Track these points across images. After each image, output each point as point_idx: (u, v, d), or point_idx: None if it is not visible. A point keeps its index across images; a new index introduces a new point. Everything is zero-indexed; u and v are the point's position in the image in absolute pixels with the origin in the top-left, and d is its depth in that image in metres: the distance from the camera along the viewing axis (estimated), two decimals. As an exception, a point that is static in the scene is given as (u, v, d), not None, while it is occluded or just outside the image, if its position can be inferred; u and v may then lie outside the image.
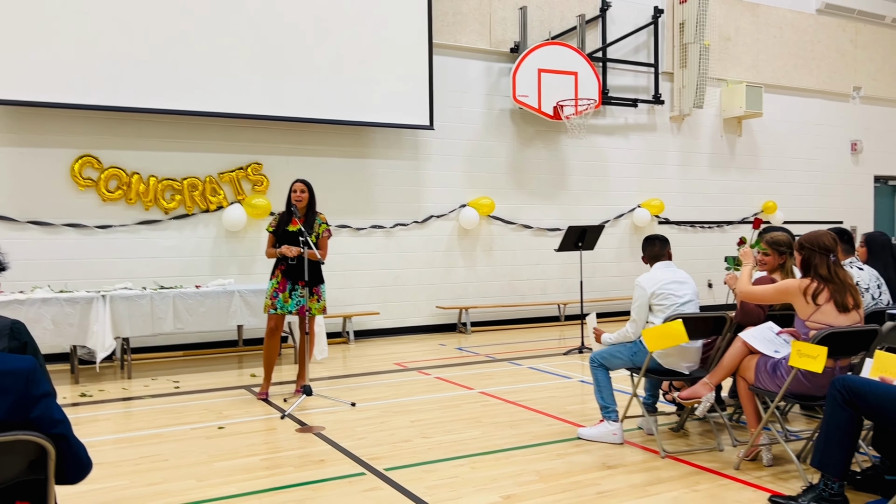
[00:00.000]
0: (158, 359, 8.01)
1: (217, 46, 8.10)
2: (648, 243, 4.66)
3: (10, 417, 1.85)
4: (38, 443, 1.90)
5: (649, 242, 4.66)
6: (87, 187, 7.88)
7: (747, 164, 12.27)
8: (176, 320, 7.04)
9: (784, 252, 4.47)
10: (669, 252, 4.64)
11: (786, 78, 12.54)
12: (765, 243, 4.50)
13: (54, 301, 6.61)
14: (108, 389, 6.48)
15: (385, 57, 8.95)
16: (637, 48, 11.17)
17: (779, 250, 4.47)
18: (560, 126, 10.37)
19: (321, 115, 8.66)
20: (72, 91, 7.50)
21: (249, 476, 4.02)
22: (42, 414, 1.92)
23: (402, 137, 9.51)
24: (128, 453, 4.49)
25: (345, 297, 9.13)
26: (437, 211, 9.75)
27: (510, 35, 10.17)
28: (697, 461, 4.16)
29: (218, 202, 8.47)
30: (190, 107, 8.02)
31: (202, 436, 4.86)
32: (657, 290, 4.38)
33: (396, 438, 4.70)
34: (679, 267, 4.65)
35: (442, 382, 6.52)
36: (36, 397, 1.91)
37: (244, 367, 7.46)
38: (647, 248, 4.65)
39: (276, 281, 5.83)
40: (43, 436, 1.91)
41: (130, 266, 8.05)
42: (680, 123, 11.63)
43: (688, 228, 11.69)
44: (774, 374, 3.89)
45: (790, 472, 3.94)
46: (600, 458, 4.23)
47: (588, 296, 10.17)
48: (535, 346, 8.57)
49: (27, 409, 1.89)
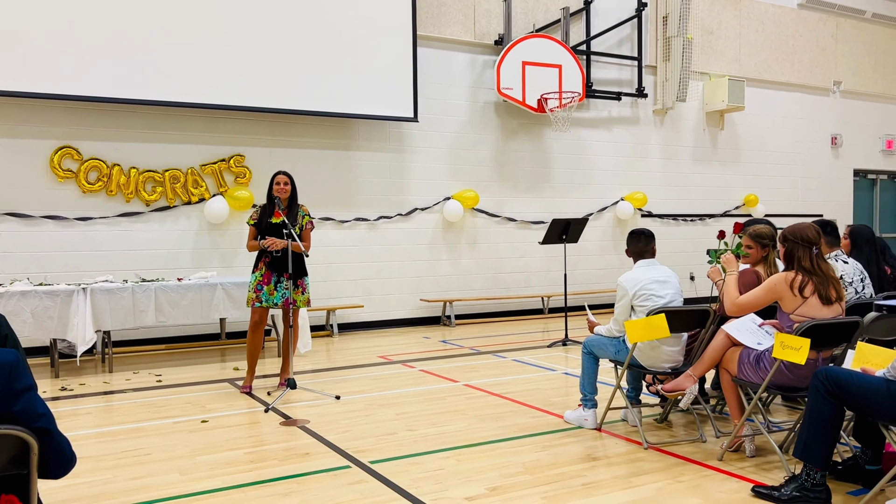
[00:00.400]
0: (140, 352, 7.93)
1: (200, 37, 8.01)
2: (634, 238, 4.67)
3: (-9, 411, 1.82)
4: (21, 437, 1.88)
5: (635, 237, 4.67)
6: (66, 179, 7.78)
7: (729, 158, 12.36)
8: (158, 313, 6.97)
9: (767, 244, 4.50)
10: (654, 248, 4.66)
11: (767, 72, 12.63)
12: (748, 236, 4.53)
13: (33, 294, 6.52)
14: (88, 383, 6.41)
15: (369, 49, 8.90)
16: (620, 41, 11.19)
17: (761, 243, 4.50)
18: (544, 119, 10.37)
19: (304, 106, 8.60)
20: (51, 81, 7.39)
21: (233, 469, 3.99)
22: (25, 408, 1.90)
23: (386, 129, 9.47)
24: (110, 447, 4.45)
25: (329, 290, 9.10)
26: (422, 204, 9.73)
27: (494, 27, 10.14)
28: (681, 452, 4.19)
29: (200, 194, 8.39)
30: (172, 98, 7.93)
31: (185, 429, 4.83)
32: (638, 291, 4.42)
33: (381, 431, 4.70)
34: (663, 260, 4.67)
35: (426, 375, 6.52)
36: (18, 391, 1.88)
37: (227, 361, 7.41)
38: (633, 244, 4.66)
39: (259, 274, 5.78)
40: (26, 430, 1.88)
41: (111, 258, 7.96)
42: (663, 117, 11.68)
43: (670, 221, 11.76)
44: (757, 366, 3.92)
45: (773, 463, 3.98)
46: (585, 450, 4.25)
47: (572, 288, 10.21)
48: (519, 338, 8.59)
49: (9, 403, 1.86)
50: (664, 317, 4.14)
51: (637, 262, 4.61)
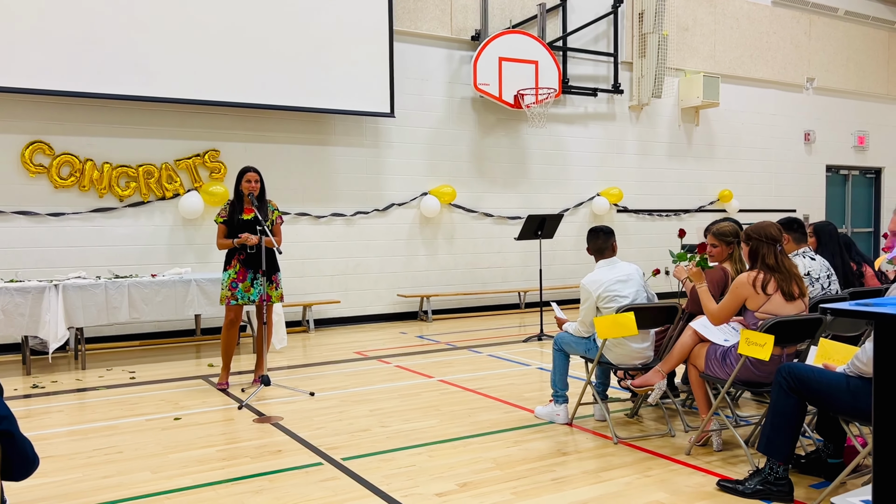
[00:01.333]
0: (114, 349, 7.88)
1: (173, 30, 7.94)
2: (593, 236, 4.72)
3: (-49, 415, 1.81)
4: (-18, 440, 1.87)
5: (594, 235, 4.71)
6: (38, 174, 7.69)
7: (704, 154, 12.49)
8: (131, 310, 6.93)
9: (731, 242, 4.58)
10: (614, 244, 4.69)
11: (742, 68, 12.76)
12: (711, 235, 4.62)
13: (4, 290, 6.45)
14: (61, 381, 6.36)
15: (345, 43, 8.88)
16: (597, 37, 11.25)
17: (726, 241, 4.58)
18: (521, 115, 10.41)
19: (280, 101, 8.56)
20: (21, 75, 7.29)
21: (205, 467, 3.99)
22: (-15, 411, 1.89)
23: (363, 125, 9.45)
24: (81, 446, 4.43)
25: (305, 285, 9.08)
26: (399, 199, 9.73)
27: (471, 23, 10.15)
28: (650, 447, 4.26)
29: (174, 189, 8.33)
30: (145, 92, 7.86)
31: (158, 427, 4.81)
32: (602, 293, 4.46)
33: (354, 428, 4.72)
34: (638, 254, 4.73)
35: (402, 371, 6.54)
36: (-22, 395, 1.87)
37: (202, 357, 7.38)
38: (592, 241, 4.71)
39: (233, 271, 5.76)
40: (-14, 433, 1.88)
41: (84, 254, 7.88)
42: (639, 113, 11.77)
43: (646, 217, 11.86)
44: (724, 362, 3.99)
45: (738, 457, 4.05)
46: (555, 445, 4.30)
47: (547, 283, 10.28)
48: (496, 333, 8.64)
49: (-31, 407, 1.85)
50: (633, 315, 4.20)
51: (598, 262, 4.66)
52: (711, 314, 4.06)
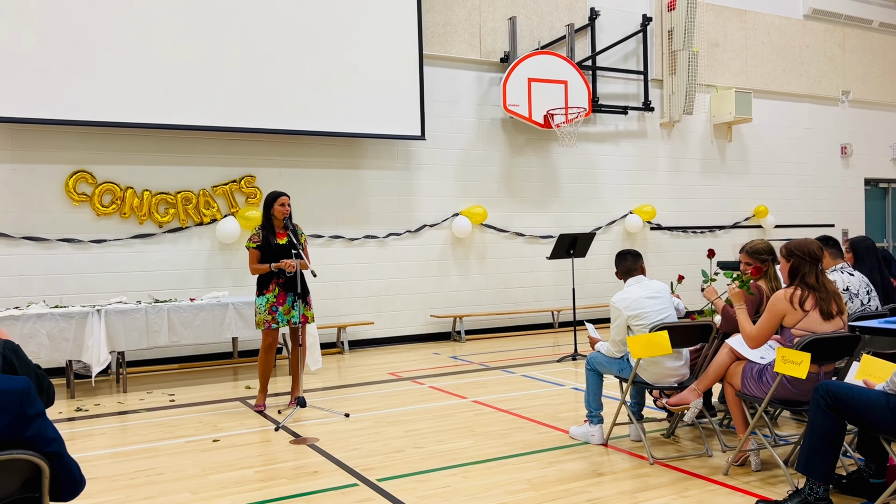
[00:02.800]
0: (154, 372, 8.04)
1: (209, 61, 8.16)
2: (621, 259, 4.74)
3: (5, 437, 1.90)
4: (33, 461, 1.95)
5: (622, 258, 4.74)
6: (81, 202, 7.93)
7: (738, 169, 12.37)
8: (171, 333, 7.07)
9: (765, 259, 4.54)
10: (642, 266, 4.73)
11: (775, 83, 12.65)
12: (745, 254, 4.59)
13: (49, 316, 6.64)
14: (103, 403, 6.51)
15: (376, 68, 9.03)
16: (626, 56, 11.27)
17: (759, 259, 4.54)
18: (551, 134, 10.45)
19: (313, 127, 8.72)
20: (65, 107, 7.55)
21: (243, 488, 4.06)
22: (36, 433, 1.97)
23: (394, 148, 9.58)
24: (123, 467, 4.53)
25: (339, 307, 9.18)
26: (430, 220, 9.81)
27: (500, 45, 10.25)
28: (687, 467, 4.22)
29: (212, 215, 8.52)
30: (183, 121, 8.08)
31: (197, 449, 4.90)
32: (632, 312, 4.46)
33: (389, 449, 4.75)
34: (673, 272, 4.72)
35: (435, 392, 6.57)
36: (30, 417, 1.95)
37: (239, 380, 7.49)
38: (620, 263, 4.73)
39: (272, 295, 5.80)
40: (37, 454, 1.96)
41: (125, 280, 8.08)
42: (670, 130, 11.73)
43: (680, 234, 11.77)
44: (760, 381, 3.95)
45: (778, 477, 3.99)
46: (591, 466, 4.28)
47: (581, 302, 10.23)
48: (529, 353, 8.62)
49: (22, 429, 1.93)
50: (666, 334, 4.18)
51: (627, 281, 4.66)
52: (749, 336, 3.96)
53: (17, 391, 1.93)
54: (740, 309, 4.08)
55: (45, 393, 2.46)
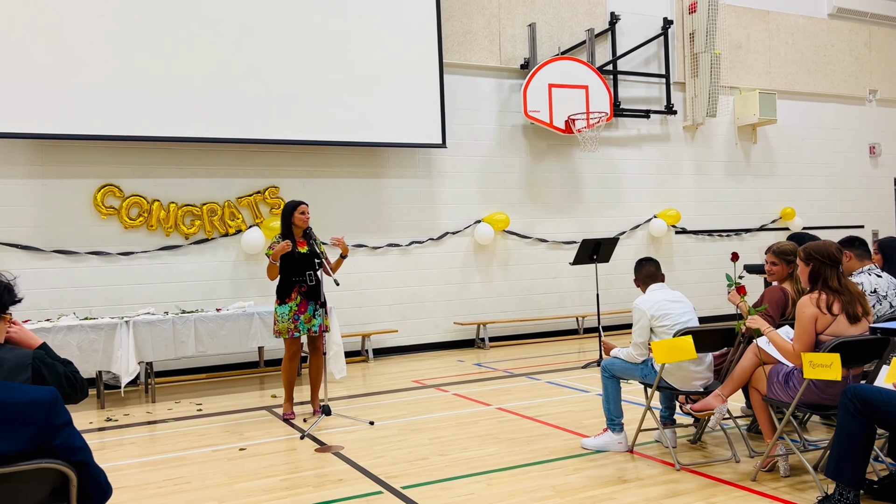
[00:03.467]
0: (181, 382, 8.13)
1: (231, 74, 8.27)
2: (641, 265, 4.71)
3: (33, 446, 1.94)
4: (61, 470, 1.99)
5: (644, 263, 4.71)
6: (109, 215, 8.07)
7: (763, 171, 12.23)
8: (198, 343, 7.15)
9: (792, 261, 4.48)
10: (662, 275, 4.70)
11: (799, 83, 12.50)
12: (771, 254, 4.53)
13: (79, 328, 6.76)
14: (132, 413, 6.60)
15: (396, 78, 9.08)
16: (647, 59, 11.22)
17: (786, 259, 4.49)
18: (572, 140, 10.42)
19: (334, 137, 8.80)
20: (93, 123, 7.70)
21: (270, 496, 4.09)
22: (64, 442, 2.01)
23: (415, 156, 9.62)
24: (152, 476, 4.59)
25: (363, 315, 9.22)
26: (452, 227, 9.83)
27: (520, 52, 10.26)
28: (714, 473, 4.17)
29: (237, 226, 8.62)
30: (207, 134, 8.19)
31: (224, 457, 4.95)
32: (656, 313, 4.42)
33: (414, 456, 4.76)
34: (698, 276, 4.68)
35: (460, 399, 6.56)
36: (57, 426, 1.99)
37: (265, 389, 7.55)
38: (641, 270, 4.69)
39: (294, 304, 5.84)
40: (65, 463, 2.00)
41: (152, 291, 8.20)
42: (693, 133, 11.64)
43: (705, 237, 11.65)
44: (787, 385, 3.89)
45: (807, 483, 3.93)
46: (616, 472, 4.25)
47: (606, 308, 10.16)
48: (554, 359, 8.59)
49: (49, 438, 1.97)
50: (691, 338, 4.14)
51: (649, 287, 4.63)
52: (790, 353, 3.83)
53: (45, 401, 1.98)
54: (770, 332, 3.98)
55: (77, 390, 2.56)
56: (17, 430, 1.91)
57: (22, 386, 2.01)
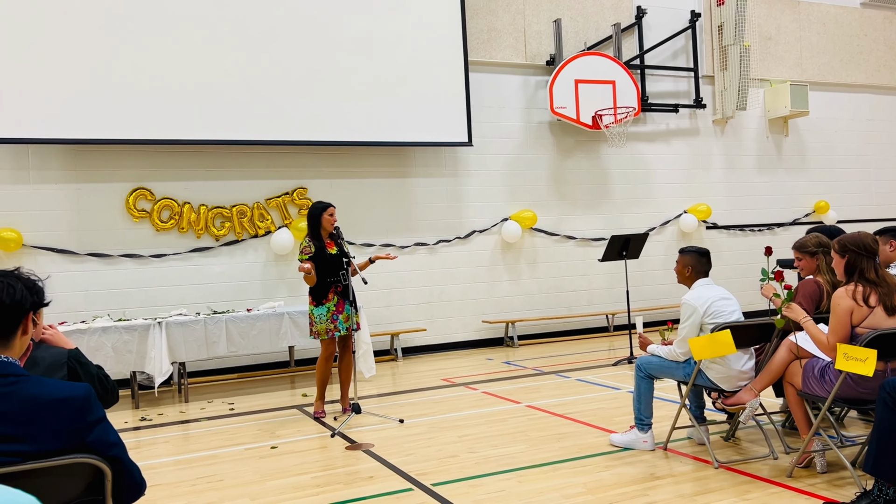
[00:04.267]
0: (213, 381, 8.23)
1: (258, 77, 8.35)
2: (696, 255, 4.51)
3: (67, 442, 1.97)
4: (96, 465, 2.02)
5: (698, 254, 4.50)
6: (141, 218, 8.19)
7: (796, 165, 12.02)
8: (229, 343, 7.23)
9: (815, 253, 4.41)
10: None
11: (832, 74, 12.26)
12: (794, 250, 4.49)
13: (113, 329, 6.87)
14: (166, 413, 6.70)
15: (422, 77, 9.09)
16: (675, 53, 11.09)
17: (808, 252, 4.41)
18: (600, 135, 10.34)
19: (361, 137, 8.83)
20: (124, 127, 7.83)
21: (301, 494, 4.12)
22: (98, 438, 2.04)
23: (442, 155, 9.62)
24: (186, 474, 4.65)
25: (391, 314, 9.25)
26: (480, 226, 9.81)
27: (545, 48, 10.21)
28: (748, 470, 4.10)
29: (266, 227, 8.69)
30: (236, 136, 8.28)
31: (256, 456, 5.00)
32: (709, 310, 4.33)
33: (444, 454, 4.75)
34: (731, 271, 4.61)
35: (489, 397, 6.55)
36: (91, 422, 2.02)
37: (296, 388, 7.61)
38: (697, 260, 4.50)
39: (332, 305, 5.84)
40: (99, 458, 2.02)
41: (184, 292, 8.31)
42: (723, 126, 11.48)
43: (737, 232, 11.49)
44: (822, 379, 3.82)
45: (845, 479, 3.85)
46: (648, 469, 4.21)
47: (636, 304, 10.07)
48: (584, 357, 8.53)
49: (84, 434, 2.00)
50: (729, 333, 4.05)
51: (697, 281, 4.52)
52: (824, 345, 3.76)
53: (79, 398, 2.00)
54: (807, 322, 3.89)
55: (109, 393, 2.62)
56: (52, 426, 1.94)
57: (57, 382, 2.04)
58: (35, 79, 7.50)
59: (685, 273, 4.56)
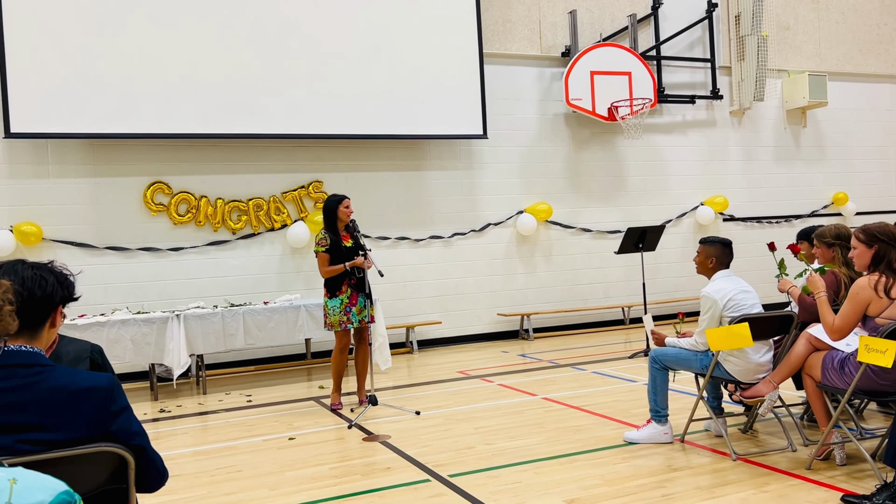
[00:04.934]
0: (231, 374, 8.29)
1: (275, 71, 8.38)
2: (720, 247, 4.49)
3: (91, 431, 1.99)
4: (119, 453, 2.04)
5: (721, 245, 4.49)
6: (158, 212, 8.26)
7: (814, 156, 11.90)
8: (246, 336, 7.28)
9: (832, 244, 4.39)
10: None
11: (851, 64, 12.12)
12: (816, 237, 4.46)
13: (132, 322, 6.94)
14: (185, 405, 6.76)
15: (437, 70, 9.08)
16: (692, 44, 11.00)
17: (826, 242, 4.39)
18: (616, 127, 10.29)
19: (376, 130, 8.84)
20: (141, 122, 7.89)
21: (319, 484, 4.15)
22: (121, 427, 2.06)
23: (456, 148, 9.61)
24: (205, 465, 4.69)
25: (407, 307, 9.27)
26: (495, 219, 9.80)
27: (560, 39, 10.17)
28: (766, 462, 4.08)
29: (282, 220, 8.74)
30: (252, 130, 8.32)
31: (274, 447, 5.04)
32: (728, 303, 4.29)
33: (460, 445, 4.77)
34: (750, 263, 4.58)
35: (505, 389, 6.56)
36: (115, 412, 2.05)
37: (313, 380, 7.66)
38: (718, 252, 4.47)
39: (345, 297, 5.87)
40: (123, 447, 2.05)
41: (201, 285, 8.37)
42: (740, 117, 11.38)
43: (754, 224, 11.40)
44: (842, 371, 3.79)
45: (864, 471, 3.83)
46: (665, 461, 4.20)
47: (653, 297, 10.03)
48: (600, 350, 8.51)
49: (107, 423, 2.03)
50: (747, 325, 4.02)
51: (717, 273, 4.49)
52: (832, 328, 3.73)
53: (103, 388, 2.03)
54: (820, 297, 3.89)
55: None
56: (77, 415, 1.97)
57: (82, 372, 2.07)
58: (54, 74, 7.57)
59: (708, 264, 4.52)
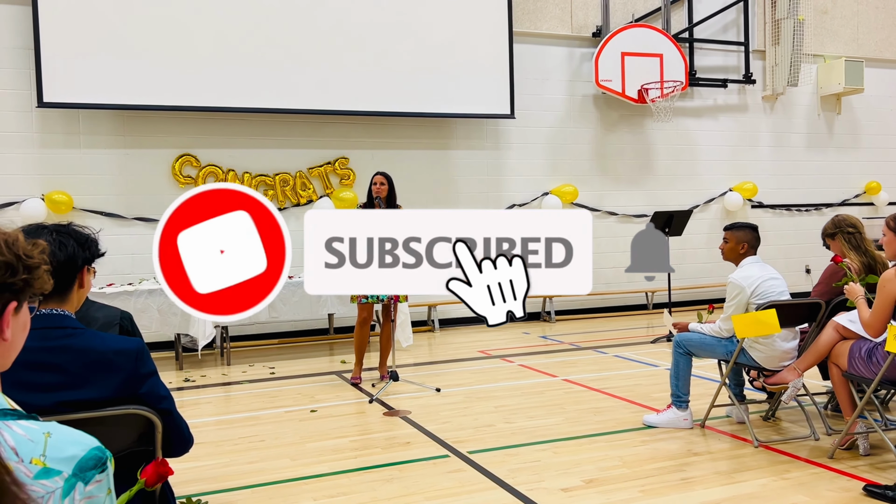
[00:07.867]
0: (255, 346, 8.39)
1: (303, 46, 8.37)
2: (751, 232, 4.44)
3: (120, 393, 2.04)
4: (147, 416, 2.09)
5: (749, 229, 4.45)
6: (186, 184, 8.33)
7: (847, 144, 11.66)
8: (271, 310, 7.34)
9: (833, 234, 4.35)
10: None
11: (889, 50, 11.82)
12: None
13: (159, 292, 7.02)
14: (209, 375, 6.86)
15: (465, 47, 9.02)
16: (726, 27, 10.80)
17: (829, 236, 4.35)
18: (645, 110, 10.16)
19: (403, 108, 8.82)
20: (171, 94, 7.94)
21: (339, 456, 4.20)
22: (149, 390, 2.11)
23: (483, 127, 9.56)
24: (228, 434, 4.77)
25: (430, 286, 9.27)
26: (520, 199, 9.76)
27: (592, 19, 10.03)
28: (788, 450, 4.06)
29: (308, 196, 8.78)
30: (280, 105, 8.34)
31: (296, 418, 5.10)
32: (756, 290, 4.25)
33: (480, 423, 4.79)
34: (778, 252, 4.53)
35: (525, 370, 6.57)
36: (144, 375, 2.09)
37: (335, 354, 7.73)
38: (750, 237, 4.42)
39: None
40: (151, 410, 2.09)
41: (227, 258, 8.44)
42: (773, 103, 11.18)
43: (783, 212, 11.24)
44: (869, 361, 3.74)
45: (888, 462, 3.79)
46: (685, 445, 4.19)
47: (677, 283, 9.94)
48: (622, 334, 8.48)
49: (136, 386, 2.07)
50: (774, 313, 3.98)
51: (745, 259, 4.43)
52: (867, 325, 3.71)
53: (132, 351, 2.07)
54: (858, 301, 3.83)
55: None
56: (106, 377, 2.01)
57: (112, 336, 2.12)
58: (86, 45, 7.63)
59: (739, 250, 4.45)
